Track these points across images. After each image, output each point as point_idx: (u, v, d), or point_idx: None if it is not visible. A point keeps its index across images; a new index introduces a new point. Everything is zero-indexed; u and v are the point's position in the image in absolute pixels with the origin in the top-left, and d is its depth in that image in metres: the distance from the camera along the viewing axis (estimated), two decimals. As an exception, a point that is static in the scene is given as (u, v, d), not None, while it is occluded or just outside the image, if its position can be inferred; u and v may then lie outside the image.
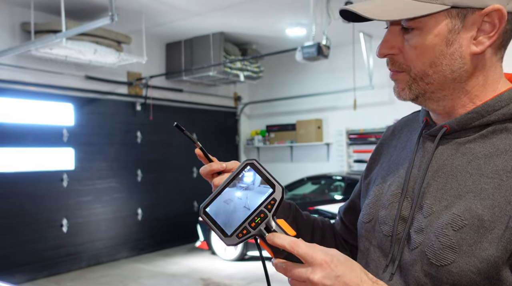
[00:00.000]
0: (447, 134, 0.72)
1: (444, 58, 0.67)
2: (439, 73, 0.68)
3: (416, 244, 0.68)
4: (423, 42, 0.66)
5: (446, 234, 0.64)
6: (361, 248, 0.82)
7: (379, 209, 0.78)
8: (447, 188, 0.68)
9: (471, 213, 0.63)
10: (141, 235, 6.19)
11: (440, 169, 0.70)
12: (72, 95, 5.46)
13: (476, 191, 0.65)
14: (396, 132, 0.89)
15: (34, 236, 5.03)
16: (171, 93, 6.70)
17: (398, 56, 0.70)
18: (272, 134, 7.64)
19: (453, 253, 0.63)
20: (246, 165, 0.70)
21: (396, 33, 0.69)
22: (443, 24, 0.65)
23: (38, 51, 4.58)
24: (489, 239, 0.61)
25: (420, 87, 0.70)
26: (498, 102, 0.67)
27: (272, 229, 0.65)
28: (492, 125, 0.68)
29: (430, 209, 0.68)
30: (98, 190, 5.70)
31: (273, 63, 7.44)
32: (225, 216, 0.68)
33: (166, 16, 5.40)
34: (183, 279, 4.96)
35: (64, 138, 5.35)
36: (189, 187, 6.81)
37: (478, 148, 0.68)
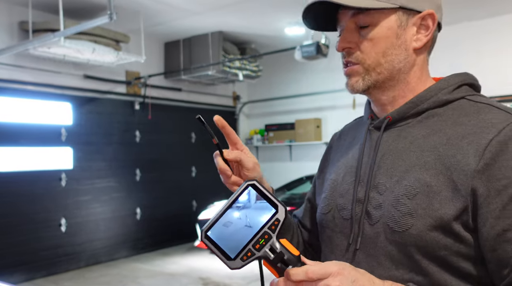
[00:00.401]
0: (390, 124, 0.84)
1: (394, 49, 0.80)
2: (389, 62, 0.80)
3: (377, 218, 0.78)
4: (378, 34, 0.79)
5: (403, 203, 0.75)
6: (324, 238, 0.90)
7: (336, 198, 0.88)
8: (396, 166, 0.79)
9: (421, 182, 0.75)
10: (140, 234, 6.18)
11: (387, 153, 0.82)
12: (71, 95, 5.44)
13: (421, 164, 0.76)
14: (342, 136, 1.02)
15: (32, 235, 5.01)
16: (169, 92, 6.69)
17: (354, 49, 0.82)
18: (271, 134, 7.63)
19: (412, 218, 0.73)
20: (247, 186, 0.69)
21: (352, 30, 0.81)
22: (393, 20, 0.79)
23: (36, 50, 4.57)
24: (438, 200, 0.72)
25: (372, 77, 0.81)
26: (428, 93, 0.82)
27: (278, 250, 0.65)
28: (425, 112, 0.81)
29: (384, 186, 0.79)
30: (97, 189, 5.69)
31: (272, 63, 7.43)
32: (227, 239, 0.67)
33: (164, 15, 5.39)
34: (182, 278, 4.95)
35: (63, 138, 5.34)
36: (188, 186, 6.80)
37: (416, 131, 0.81)
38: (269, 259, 0.65)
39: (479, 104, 0.79)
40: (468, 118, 0.77)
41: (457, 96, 0.81)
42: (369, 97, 0.88)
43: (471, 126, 0.75)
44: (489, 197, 0.70)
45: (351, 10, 0.80)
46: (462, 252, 0.72)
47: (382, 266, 0.77)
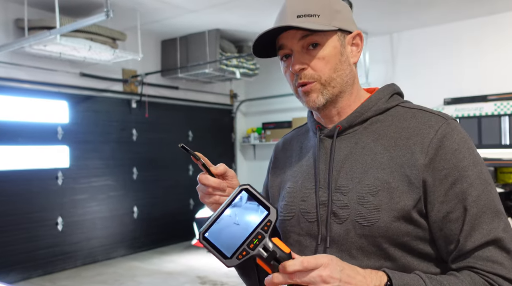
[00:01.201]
0: (339, 133, 0.94)
1: (341, 65, 0.91)
2: (340, 77, 0.91)
3: (345, 216, 0.86)
4: (328, 53, 0.90)
5: (368, 201, 0.85)
6: (291, 242, 0.95)
7: (298, 204, 0.94)
8: (354, 169, 0.89)
9: (380, 180, 0.85)
10: (137, 233, 6.16)
11: (344, 158, 0.91)
12: (67, 93, 5.41)
13: (377, 164, 0.87)
14: (286, 145, 1.10)
15: (29, 234, 4.99)
16: (166, 90, 6.66)
17: (308, 69, 0.91)
18: (268, 132, 7.62)
19: (378, 212, 0.84)
20: (241, 190, 0.75)
21: (303, 53, 0.91)
22: (335, 40, 0.91)
23: (32, 48, 4.53)
24: (398, 194, 0.84)
25: (329, 91, 0.91)
26: (370, 102, 0.94)
27: (271, 249, 0.72)
28: (369, 119, 0.93)
29: (347, 188, 0.88)
30: (94, 188, 5.66)
31: (269, 61, 7.40)
32: (223, 239, 0.73)
33: (161, 13, 5.36)
34: (179, 277, 4.94)
35: (59, 136, 5.31)
36: (185, 185, 6.78)
37: (365, 137, 0.92)
38: (262, 257, 0.71)
39: (412, 110, 0.93)
40: (408, 122, 0.90)
41: (393, 104, 0.94)
42: (320, 112, 0.96)
43: (412, 128, 0.88)
44: (434, 186, 0.83)
45: (299, 34, 0.89)
46: (420, 236, 0.84)
47: (355, 258, 0.85)
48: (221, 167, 0.94)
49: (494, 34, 5.62)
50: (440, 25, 5.93)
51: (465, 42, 5.79)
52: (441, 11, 5.43)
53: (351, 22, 0.95)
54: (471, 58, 5.75)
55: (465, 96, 5.52)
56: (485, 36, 5.65)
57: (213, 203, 0.94)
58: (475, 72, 5.70)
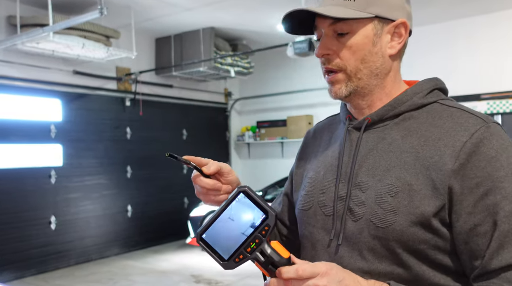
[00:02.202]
0: (368, 126, 0.88)
1: (372, 56, 0.85)
2: (368, 68, 0.85)
3: (360, 214, 0.82)
4: (357, 42, 0.83)
5: (385, 201, 0.79)
6: (305, 234, 0.92)
7: (318, 195, 0.91)
8: (377, 165, 0.84)
9: (401, 181, 0.79)
10: (131, 232, 6.14)
11: (368, 153, 0.86)
12: (60, 91, 5.37)
13: (401, 164, 0.81)
14: (316, 134, 1.06)
15: (22, 233, 4.95)
16: (161, 88, 6.64)
17: (333, 56, 0.86)
18: (263, 130, 7.62)
19: (394, 215, 0.78)
20: (239, 192, 0.73)
21: (331, 37, 0.85)
22: (369, 28, 0.84)
23: (25, 45, 4.49)
24: (419, 198, 0.77)
25: (353, 83, 0.86)
26: (405, 96, 0.87)
27: (268, 253, 0.70)
28: (402, 114, 0.87)
29: (366, 185, 0.83)
30: (87, 186, 5.63)
31: (264, 59, 7.40)
32: (221, 242, 0.72)
33: (155, 11, 5.34)
34: (174, 276, 4.93)
35: (52, 134, 5.27)
36: (179, 184, 6.77)
37: (394, 132, 0.86)
38: (260, 261, 0.70)
39: (451, 108, 0.85)
40: (442, 121, 0.83)
41: (430, 100, 0.87)
42: (348, 102, 0.92)
43: (446, 129, 0.81)
44: (463, 194, 0.76)
45: (330, 19, 0.84)
46: (439, 246, 0.78)
47: (366, 260, 0.81)
48: (213, 167, 0.89)
49: (488, 33, 5.65)
50: (435, 24, 5.96)
51: (459, 41, 5.82)
52: (436, 10, 5.45)
53: (396, 8, 0.85)
54: (465, 57, 5.78)
55: (458, 95, 5.55)
56: (479, 35, 5.69)
57: (210, 202, 0.92)
58: (469, 71, 5.73)
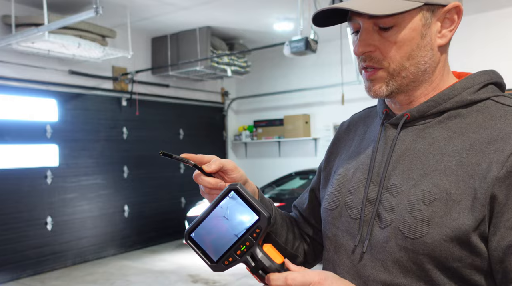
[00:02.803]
0: (407, 122, 0.79)
1: (420, 50, 0.74)
2: (415, 65, 0.75)
3: (388, 221, 0.73)
4: (403, 36, 0.73)
5: (418, 209, 0.70)
6: (329, 235, 0.85)
7: (345, 195, 0.83)
8: (413, 168, 0.74)
9: (439, 188, 0.70)
10: (128, 232, 6.12)
11: (404, 153, 0.77)
12: (56, 91, 5.35)
13: (440, 168, 0.72)
14: (351, 127, 0.95)
15: (18, 234, 4.92)
16: (157, 88, 6.62)
17: (375, 53, 0.75)
18: (260, 130, 7.61)
19: (426, 226, 0.69)
20: (230, 190, 0.68)
21: (371, 32, 0.75)
22: (417, 19, 0.73)
23: (20, 45, 4.47)
24: (458, 209, 0.68)
25: (396, 82, 0.76)
26: (452, 91, 0.76)
27: (258, 258, 0.65)
28: (447, 112, 0.76)
29: (399, 189, 0.74)
30: (84, 186, 5.61)
31: (261, 58, 7.40)
32: (210, 242, 0.67)
33: (151, 10, 5.32)
34: (171, 275, 4.92)
35: (48, 135, 5.24)
36: (176, 183, 6.75)
37: (436, 132, 0.76)
38: (250, 266, 0.65)
39: (506, 107, 0.73)
40: (494, 122, 0.72)
41: (482, 96, 0.75)
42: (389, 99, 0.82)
43: (497, 131, 0.70)
44: (506, 206, 0.66)
45: None
46: (476, 265, 0.68)
47: (389, 272, 0.73)
48: (214, 165, 0.80)
49: (481, 32, 5.66)
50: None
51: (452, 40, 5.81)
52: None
53: None
54: (459, 56, 5.79)
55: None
56: (472, 34, 5.70)
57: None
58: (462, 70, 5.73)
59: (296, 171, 6.23)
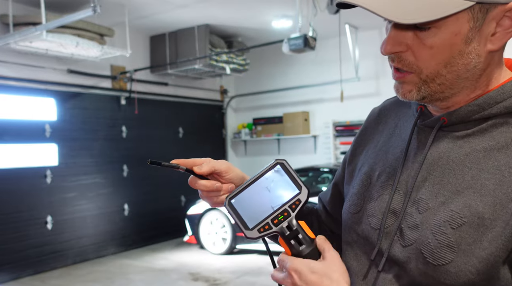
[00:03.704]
0: (444, 127, 0.68)
1: (462, 58, 0.62)
2: (453, 73, 0.63)
3: (411, 240, 0.65)
4: (441, 42, 0.61)
5: (444, 232, 0.61)
6: (348, 240, 0.79)
7: (367, 200, 0.75)
8: (444, 182, 0.65)
9: (471, 210, 0.60)
10: (128, 230, 6.13)
11: (436, 162, 0.67)
12: (54, 90, 5.34)
13: (476, 186, 0.61)
14: (381, 116, 0.85)
15: (18, 234, 4.93)
16: (156, 87, 6.61)
17: (406, 53, 0.64)
18: (259, 127, 7.61)
19: (452, 252, 0.61)
20: (276, 164, 0.72)
21: (403, 28, 0.63)
22: (464, 21, 0.60)
23: (18, 44, 4.46)
24: (489, 238, 0.59)
25: (430, 88, 0.65)
26: (501, 94, 0.64)
27: (294, 228, 0.68)
28: (492, 118, 0.64)
29: (426, 205, 0.65)
30: (83, 186, 5.61)
31: (259, 56, 7.39)
32: (249, 210, 0.70)
33: (149, 8, 5.31)
34: (171, 274, 4.93)
35: (47, 134, 5.24)
36: (176, 182, 6.75)
37: (477, 141, 0.65)
38: (284, 235, 0.68)
39: None
40: None
41: None
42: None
43: None
44: None
45: None
46: None
47: None
48: (205, 167, 0.76)
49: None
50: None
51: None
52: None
53: None
54: None
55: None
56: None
57: (214, 204, 0.81)
58: None
59: (296, 168, 6.23)
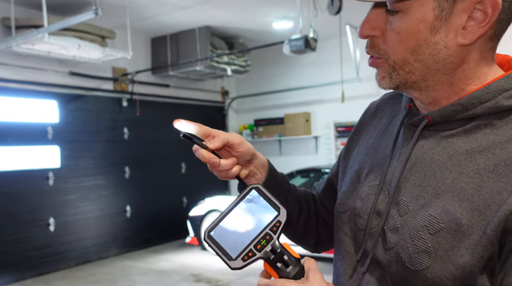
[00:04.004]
0: (429, 126, 0.66)
1: (427, 47, 0.61)
2: (420, 62, 0.62)
3: (392, 244, 0.64)
4: (406, 27, 0.60)
5: (421, 237, 0.60)
6: (337, 239, 0.79)
7: (355, 199, 0.75)
8: (425, 184, 0.63)
9: (449, 216, 0.59)
10: (130, 232, 6.14)
11: (419, 163, 0.65)
12: (56, 92, 5.36)
13: (455, 190, 0.60)
14: (378, 111, 0.83)
15: (21, 235, 4.94)
16: (157, 88, 6.62)
17: (378, 39, 0.64)
18: (261, 129, 7.62)
19: (429, 258, 0.59)
20: (251, 189, 0.71)
21: (379, 13, 0.64)
22: (429, 9, 0.59)
23: (20, 47, 4.48)
24: (466, 245, 0.57)
25: (400, 76, 0.64)
26: (485, 94, 0.61)
27: (279, 250, 0.67)
28: (477, 119, 0.62)
29: (406, 207, 0.64)
30: (85, 187, 5.62)
31: (260, 57, 7.40)
32: (230, 240, 0.69)
33: (150, 10, 5.32)
34: (173, 275, 4.94)
35: (49, 136, 5.26)
36: (177, 183, 6.77)
37: (460, 142, 0.63)
38: (269, 259, 0.67)
39: None
40: None
41: None
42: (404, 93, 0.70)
43: None
44: None
45: None
46: None
47: None
48: (217, 142, 0.74)
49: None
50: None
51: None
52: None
53: None
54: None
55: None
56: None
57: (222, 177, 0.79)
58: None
59: (297, 169, 6.23)
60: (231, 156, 0.77)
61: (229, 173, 0.76)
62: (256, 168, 0.81)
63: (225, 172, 0.76)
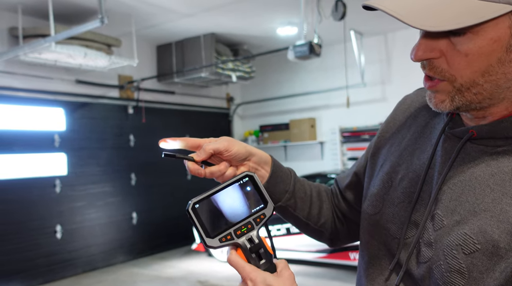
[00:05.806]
0: (473, 139, 0.63)
1: (501, 66, 0.56)
2: (491, 82, 0.57)
3: (425, 258, 0.62)
4: (478, 49, 0.55)
5: (455, 256, 0.58)
6: (362, 240, 0.77)
7: (386, 203, 0.72)
8: (462, 200, 0.60)
9: (486, 237, 0.56)
10: (137, 239, 6.14)
11: (457, 176, 0.62)
12: (63, 100, 5.40)
13: (495, 210, 0.57)
14: (412, 109, 0.78)
15: (28, 243, 4.96)
16: (163, 95, 6.66)
17: (439, 60, 0.59)
18: (266, 134, 7.63)
19: (462, 278, 0.57)
20: (246, 176, 0.71)
21: (438, 34, 0.58)
22: (505, 27, 0.54)
23: (27, 56, 4.53)
24: (502, 267, 0.55)
25: (465, 98, 0.59)
26: None
27: (256, 242, 0.67)
28: None
29: (441, 222, 0.61)
30: (92, 195, 5.65)
31: (265, 63, 7.43)
32: (212, 217, 0.68)
33: (156, 18, 5.37)
34: (180, 282, 4.93)
35: (56, 144, 5.30)
36: (183, 189, 6.77)
37: (506, 161, 0.59)
38: (245, 248, 0.67)
39: None
40: None
41: None
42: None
43: None
44: None
45: None
46: None
47: None
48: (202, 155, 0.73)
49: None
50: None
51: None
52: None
53: None
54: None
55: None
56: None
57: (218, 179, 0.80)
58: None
59: (303, 174, 6.22)
60: (222, 160, 0.76)
61: (224, 176, 0.76)
62: (256, 164, 0.80)
63: (220, 177, 0.77)
